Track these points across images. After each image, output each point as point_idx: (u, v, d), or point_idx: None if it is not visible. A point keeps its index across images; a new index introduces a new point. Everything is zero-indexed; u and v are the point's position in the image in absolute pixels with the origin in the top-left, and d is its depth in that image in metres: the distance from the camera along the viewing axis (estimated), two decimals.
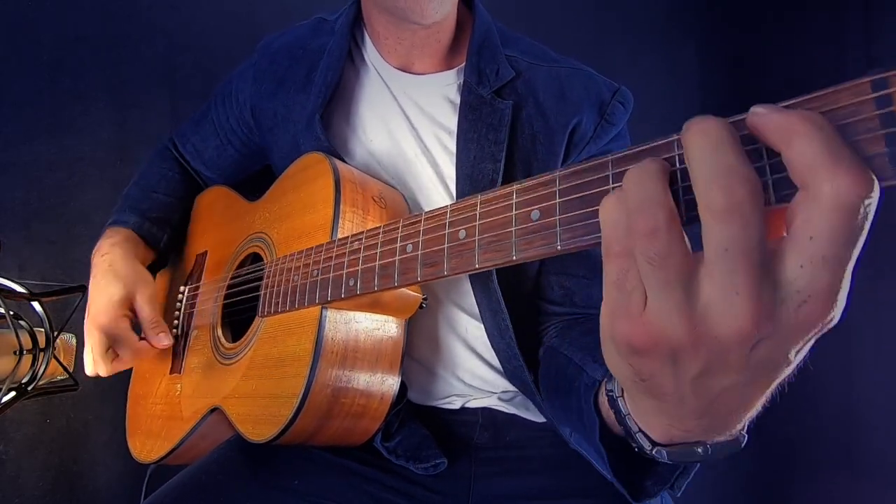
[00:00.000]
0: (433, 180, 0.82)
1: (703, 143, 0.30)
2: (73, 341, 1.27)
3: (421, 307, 0.73)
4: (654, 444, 0.41)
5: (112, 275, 0.85)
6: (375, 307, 0.70)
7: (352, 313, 0.69)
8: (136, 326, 0.86)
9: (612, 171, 0.38)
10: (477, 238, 0.45)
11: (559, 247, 0.40)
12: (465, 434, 0.85)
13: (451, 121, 0.82)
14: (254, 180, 1.04)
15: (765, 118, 0.30)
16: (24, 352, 1.08)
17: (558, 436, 0.85)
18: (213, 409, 0.78)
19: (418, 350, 0.83)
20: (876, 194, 0.28)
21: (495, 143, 0.77)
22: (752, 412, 0.36)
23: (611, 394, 0.46)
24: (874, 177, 0.28)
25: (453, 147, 0.80)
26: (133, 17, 1.38)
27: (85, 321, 0.84)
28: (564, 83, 0.82)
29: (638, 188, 0.32)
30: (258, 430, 0.69)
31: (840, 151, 0.28)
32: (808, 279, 0.29)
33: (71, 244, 1.32)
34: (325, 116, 0.83)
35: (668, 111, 1.79)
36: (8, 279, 1.11)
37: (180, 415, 0.85)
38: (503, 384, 0.85)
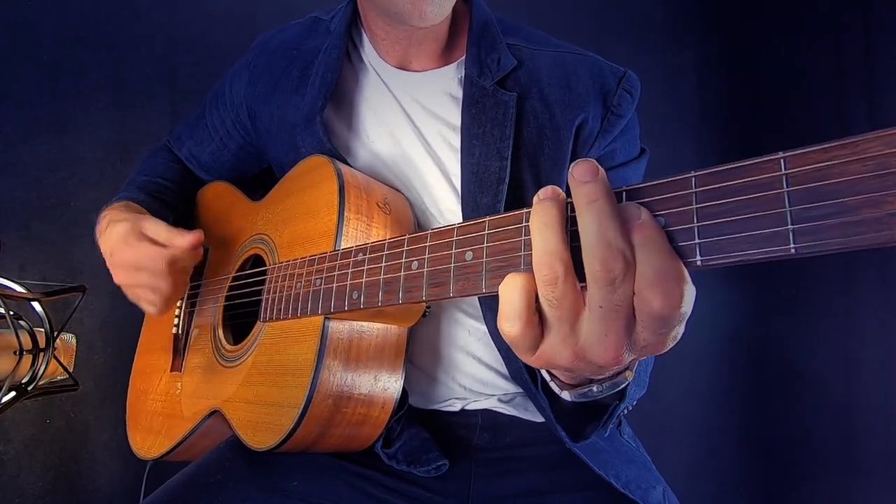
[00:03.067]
0: (438, 178, 0.81)
1: (591, 215, 0.36)
2: (73, 341, 1.27)
3: (424, 315, 0.73)
4: (561, 387, 0.51)
5: (116, 220, 0.82)
6: (378, 316, 0.70)
7: (355, 323, 0.69)
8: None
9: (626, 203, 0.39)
10: (484, 261, 0.44)
11: None
12: (465, 436, 0.84)
13: (455, 116, 0.80)
14: (256, 178, 1.04)
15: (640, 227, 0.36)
16: (24, 352, 1.08)
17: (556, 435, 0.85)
18: (214, 412, 0.78)
19: (419, 356, 0.83)
20: (688, 304, 0.36)
21: (501, 139, 0.75)
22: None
23: None
24: (685, 291, 0.35)
25: (458, 143, 0.78)
26: (133, 17, 1.38)
27: (112, 270, 0.81)
28: (569, 70, 0.80)
29: (540, 239, 0.38)
30: (258, 438, 0.69)
31: (667, 270, 0.35)
32: (647, 335, 0.38)
33: (71, 244, 1.32)
34: (324, 117, 0.82)
35: (668, 111, 1.79)
36: (8, 279, 1.11)
37: (181, 414, 0.85)
38: (503, 386, 0.85)
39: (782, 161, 0.32)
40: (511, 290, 0.40)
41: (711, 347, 1.97)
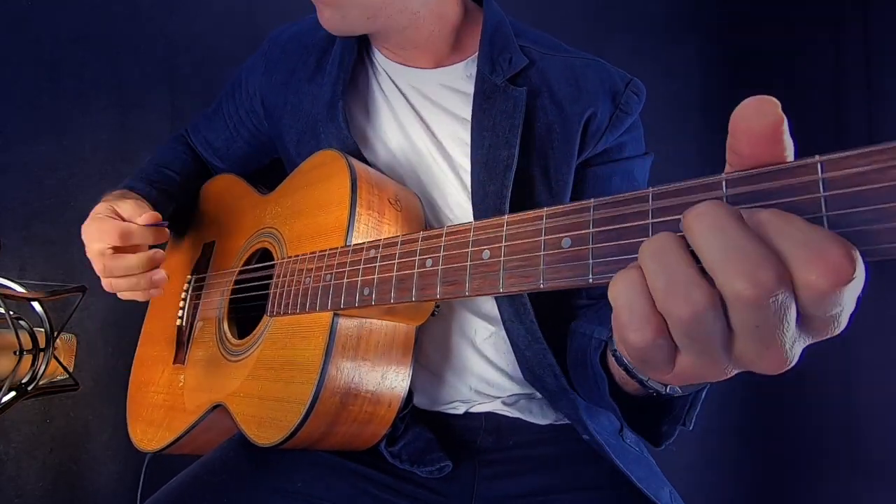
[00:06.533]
0: (446, 172, 0.82)
1: (705, 224, 0.30)
2: (73, 341, 1.27)
3: (433, 314, 0.73)
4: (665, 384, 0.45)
5: (101, 202, 0.82)
6: (388, 314, 0.70)
7: (363, 320, 0.69)
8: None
9: (651, 206, 0.37)
10: (502, 260, 0.44)
11: (591, 279, 0.38)
12: (468, 438, 0.85)
13: (464, 111, 0.82)
14: (264, 172, 1.05)
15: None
16: (24, 352, 1.08)
17: (560, 435, 0.85)
18: (217, 405, 0.78)
19: (427, 355, 0.83)
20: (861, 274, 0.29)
21: (510, 130, 0.76)
22: None
23: (615, 353, 0.53)
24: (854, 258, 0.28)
25: (467, 137, 0.79)
26: (133, 17, 1.38)
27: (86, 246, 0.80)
28: (579, 73, 0.82)
29: (661, 268, 0.31)
30: (263, 434, 0.69)
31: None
32: (817, 324, 0.31)
33: (71, 244, 1.31)
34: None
35: (669, 111, 1.79)
36: (8, 279, 1.11)
37: (183, 406, 0.84)
38: (509, 387, 0.85)
39: (819, 165, 0.31)
40: (629, 292, 0.33)
41: None
